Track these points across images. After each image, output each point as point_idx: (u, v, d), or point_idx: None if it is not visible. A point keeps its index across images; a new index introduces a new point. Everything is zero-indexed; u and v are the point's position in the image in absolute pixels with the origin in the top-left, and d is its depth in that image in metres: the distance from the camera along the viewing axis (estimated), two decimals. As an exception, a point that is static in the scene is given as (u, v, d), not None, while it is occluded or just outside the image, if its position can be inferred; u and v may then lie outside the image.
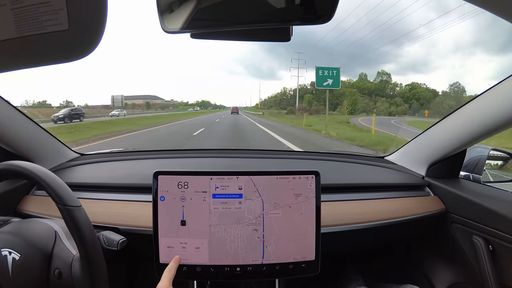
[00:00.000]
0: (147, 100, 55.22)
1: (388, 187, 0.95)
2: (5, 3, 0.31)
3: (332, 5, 0.34)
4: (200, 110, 60.94)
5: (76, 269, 0.57)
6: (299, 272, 0.64)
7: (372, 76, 49.02)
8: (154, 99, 60.53)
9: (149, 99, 57.35)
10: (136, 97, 57.62)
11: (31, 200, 0.84)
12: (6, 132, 0.81)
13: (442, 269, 0.94)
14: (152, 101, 57.42)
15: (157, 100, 61.60)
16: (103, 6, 0.31)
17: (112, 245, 0.64)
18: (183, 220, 0.61)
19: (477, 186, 0.89)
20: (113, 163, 1.11)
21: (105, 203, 0.81)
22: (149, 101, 54.48)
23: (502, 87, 0.69)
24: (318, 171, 0.64)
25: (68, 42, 0.33)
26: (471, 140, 0.81)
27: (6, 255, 0.55)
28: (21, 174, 0.57)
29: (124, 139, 7.95)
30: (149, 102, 54.17)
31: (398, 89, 44.40)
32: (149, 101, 55.17)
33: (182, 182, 0.62)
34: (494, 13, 0.42)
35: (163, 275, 0.57)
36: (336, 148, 7.07)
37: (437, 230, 0.92)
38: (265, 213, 0.63)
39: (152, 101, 57.42)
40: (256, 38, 0.44)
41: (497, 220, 0.74)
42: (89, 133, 8.55)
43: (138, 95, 62.34)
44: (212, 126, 13.03)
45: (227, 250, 0.62)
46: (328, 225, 0.77)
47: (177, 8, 0.36)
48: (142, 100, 54.83)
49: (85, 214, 0.57)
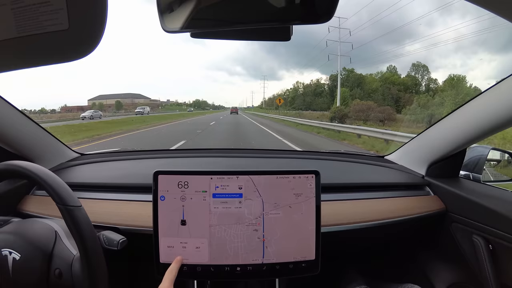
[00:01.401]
0: (126, 99, 47.28)
1: (388, 186, 0.95)
2: (6, 3, 0.31)
3: (332, 5, 0.34)
4: (194, 111, 52.99)
5: (76, 269, 0.57)
6: (299, 272, 0.64)
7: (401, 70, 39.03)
8: (136, 98, 53.08)
9: (129, 97, 50.27)
10: (114, 96, 48.71)
11: (31, 200, 0.84)
12: (6, 132, 0.81)
13: (442, 269, 0.94)
14: (134, 100, 50.18)
15: (139, 99, 54.10)
16: (103, 6, 0.31)
17: (112, 245, 0.64)
18: (183, 220, 0.61)
19: (477, 186, 0.89)
20: (113, 163, 1.11)
21: (105, 203, 0.81)
22: (126, 100, 46.17)
23: (502, 87, 0.69)
24: (318, 171, 0.64)
25: (68, 42, 0.33)
26: (471, 139, 0.81)
27: (6, 255, 0.56)
28: (21, 174, 0.57)
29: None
30: (120, 101, 45.44)
31: (432, 85, 34.22)
32: (128, 100, 47.43)
33: (182, 182, 0.62)
34: (494, 13, 0.42)
35: (165, 276, 0.57)
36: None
37: (437, 230, 0.92)
38: (265, 213, 0.63)
39: (134, 100, 50.18)
40: (256, 37, 0.44)
41: (497, 219, 0.74)
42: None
43: (118, 93, 53.19)
44: (201, 137, 8.69)
45: (227, 251, 0.62)
46: (328, 225, 0.77)
47: (177, 8, 0.36)
48: (121, 99, 47.08)
49: (85, 214, 0.57)
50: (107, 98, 46.15)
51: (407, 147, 1.09)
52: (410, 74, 35.97)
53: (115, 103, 42.76)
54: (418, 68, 36.16)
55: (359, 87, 35.00)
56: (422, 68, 36.08)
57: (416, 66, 36.18)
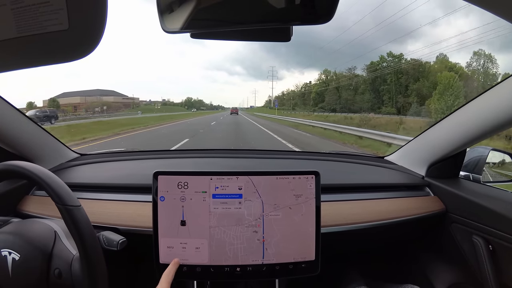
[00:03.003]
0: (92, 97, 34.92)
1: (388, 187, 0.95)
2: (6, 3, 0.31)
3: (332, 5, 0.34)
4: (180, 113, 39.20)
5: (76, 269, 0.57)
6: (299, 272, 0.64)
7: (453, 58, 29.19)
8: (106, 95, 39.47)
9: (96, 94, 37.18)
10: (80, 93, 36.39)
11: (31, 200, 0.84)
12: (6, 132, 0.81)
13: (442, 269, 0.94)
14: (103, 97, 37.57)
15: (110, 96, 40.46)
16: (103, 6, 0.31)
17: (112, 245, 0.64)
18: (183, 220, 0.61)
19: (477, 186, 0.89)
20: (113, 163, 1.11)
21: (105, 203, 0.81)
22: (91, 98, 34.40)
23: (501, 87, 0.69)
24: (318, 171, 0.64)
25: (68, 42, 0.33)
26: (471, 140, 0.81)
27: (6, 255, 0.55)
28: (21, 174, 0.57)
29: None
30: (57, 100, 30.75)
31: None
32: (94, 98, 35.26)
33: (182, 182, 0.61)
34: (494, 13, 0.42)
35: (162, 279, 0.56)
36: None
37: (437, 230, 0.92)
38: (265, 215, 0.63)
39: (103, 97, 37.57)
40: (256, 38, 0.44)
41: (497, 220, 0.74)
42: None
43: (85, 90, 38.93)
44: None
45: (227, 253, 0.62)
46: (328, 225, 0.77)
47: (177, 8, 0.36)
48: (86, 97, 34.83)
49: (85, 214, 0.57)
50: (72, 95, 35.26)
51: (407, 148, 1.09)
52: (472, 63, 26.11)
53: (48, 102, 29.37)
54: (479, 56, 25.91)
55: (425, 79, 25.12)
56: (484, 56, 26.05)
57: (477, 54, 25.96)
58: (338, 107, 30.04)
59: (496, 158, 1.02)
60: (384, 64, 29.54)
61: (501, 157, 1.02)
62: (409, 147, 1.08)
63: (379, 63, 29.84)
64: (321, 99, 33.59)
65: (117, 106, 39.80)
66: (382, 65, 29.29)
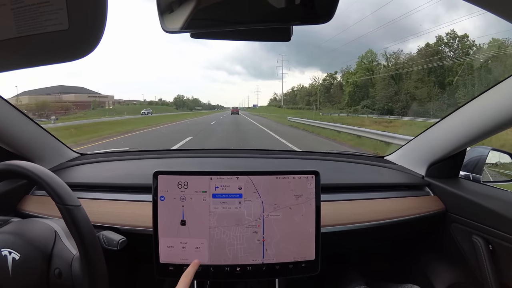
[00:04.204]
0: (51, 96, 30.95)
1: (388, 187, 0.95)
2: (5, 3, 0.31)
3: (332, 5, 0.34)
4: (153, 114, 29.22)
5: (76, 268, 0.57)
6: (299, 272, 0.64)
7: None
8: (68, 92, 34.69)
9: (55, 92, 32.69)
10: (40, 91, 32.68)
11: (31, 200, 0.84)
12: (6, 132, 0.81)
13: (442, 269, 0.94)
14: (62, 96, 32.99)
15: (69, 94, 34.79)
16: (103, 6, 0.31)
17: (112, 245, 0.64)
18: (183, 220, 0.61)
19: (477, 186, 0.89)
20: (113, 163, 1.11)
21: (105, 203, 0.81)
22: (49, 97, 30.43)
23: (502, 87, 0.69)
24: (318, 171, 0.64)
25: (68, 42, 0.33)
26: (471, 140, 0.81)
27: (6, 255, 0.56)
28: (21, 174, 0.57)
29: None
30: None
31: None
32: (51, 97, 31.31)
33: (182, 182, 0.62)
34: (494, 13, 0.42)
35: (180, 280, 0.55)
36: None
37: (437, 230, 0.92)
38: (265, 215, 0.63)
39: (62, 96, 32.99)
40: (256, 38, 0.44)
41: (497, 220, 0.74)
42: None
43: (44, 87, 35.61)
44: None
45: (226, 254, 0.62)
46: (328, 225, 0.77)
47: (177, 8, 0.36)
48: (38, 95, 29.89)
49: (85, 213, 0.57)
50: (33, 94, 30.83)
51: (407, 148, 1.09)
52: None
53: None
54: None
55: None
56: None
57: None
58: (397, 107, 18.97)
59: (496, 158, 1.02)
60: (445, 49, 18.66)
61: (501, 157, 1.02)
62: (409, 147, 1.08)
63: (439, 44, 19.04)
64: (362, 94, 21.72)
65: (83, 106, 33.87)
66: (444, 50, 18.83)
